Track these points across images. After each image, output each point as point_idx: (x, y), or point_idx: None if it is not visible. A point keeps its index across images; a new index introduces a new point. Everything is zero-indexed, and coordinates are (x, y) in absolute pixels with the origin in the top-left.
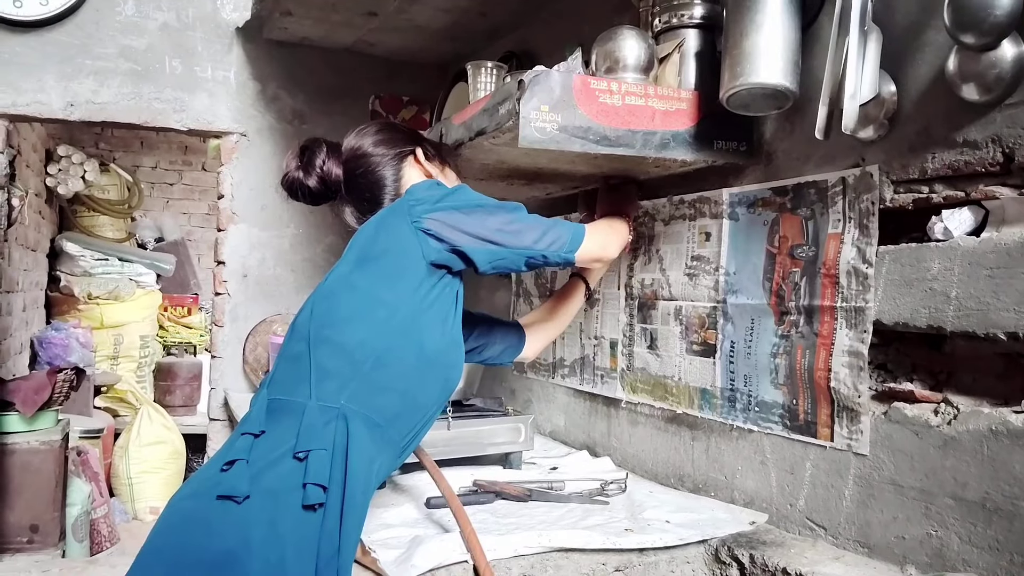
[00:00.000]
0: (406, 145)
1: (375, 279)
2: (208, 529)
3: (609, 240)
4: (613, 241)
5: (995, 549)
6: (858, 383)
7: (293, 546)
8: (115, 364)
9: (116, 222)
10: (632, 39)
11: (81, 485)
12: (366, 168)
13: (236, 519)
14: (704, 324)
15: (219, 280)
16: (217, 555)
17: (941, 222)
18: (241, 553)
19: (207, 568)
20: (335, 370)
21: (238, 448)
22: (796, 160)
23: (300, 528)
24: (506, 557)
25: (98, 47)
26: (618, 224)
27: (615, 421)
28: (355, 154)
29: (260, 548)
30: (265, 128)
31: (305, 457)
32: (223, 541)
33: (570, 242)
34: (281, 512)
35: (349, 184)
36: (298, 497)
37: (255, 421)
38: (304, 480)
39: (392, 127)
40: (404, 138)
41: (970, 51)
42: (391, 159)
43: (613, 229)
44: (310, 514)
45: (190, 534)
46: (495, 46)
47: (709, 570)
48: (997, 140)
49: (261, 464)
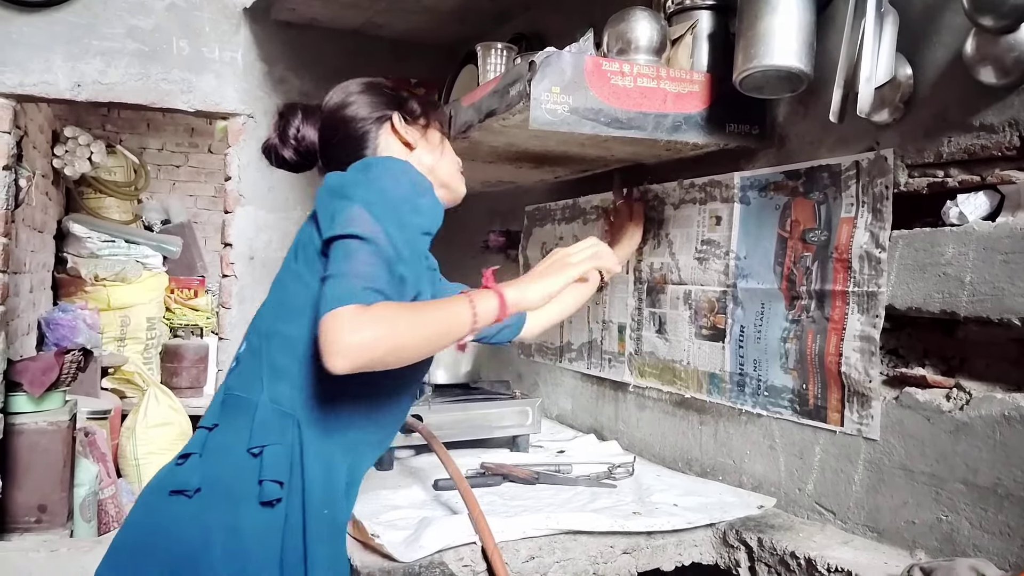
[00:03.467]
0: (385, 109)
1: (311, 269)
2: (166, 527)
3: (399, 328)
4: (411, 330)
5: (1006, 534)
6: (869, 368)
7: (256, 550)
8: (122, 346)
9: (123, 204)
10: (644, 20)
11: (89, 466)
12: (342, 135)
13: (191, 515)
14: (713, 308)
15: (226, 262)
16: (178, 557)
17: (956, 206)
18: (202, 556)
19: (170, 569)
20: (285, 369)
21: (192, 442)
22: (809, 144)
23: (261, 528)
24: (514, 539)
25: (105, 27)
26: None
27: (623, 405)
28: (331, 119)
29: (222, 553)
30: (272, 110)
31: (260, 452)
32: (182, 543)
33: (341, 296)
34: (241, 512)
35: (325, 152)
36: (255, 493)
37: (210, 414)
38: (260, 476)
39: (373, 87)
40: (384, 101)
41: (988, 33)
42: (369, 124)
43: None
44: (269, 511)
45: (151, 532)
46: (504, 28)
47: (717, 553)
48: (1014, 124)
49: (213, 459)
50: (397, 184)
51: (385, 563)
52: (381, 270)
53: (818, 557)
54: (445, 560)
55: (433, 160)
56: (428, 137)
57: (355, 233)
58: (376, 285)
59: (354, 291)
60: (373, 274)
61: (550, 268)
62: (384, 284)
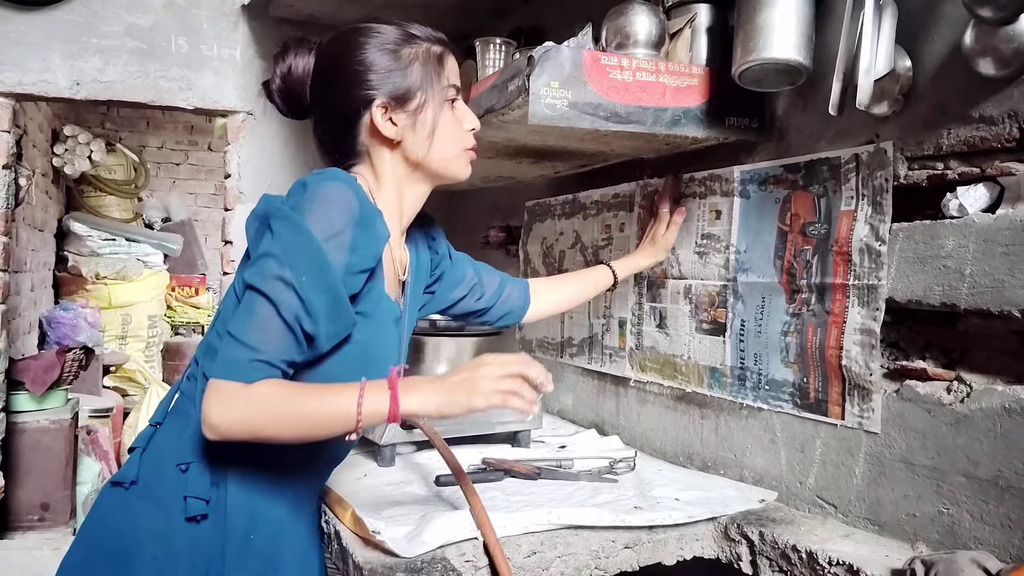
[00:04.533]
0: (369, 89)
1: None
2: (105, 515)
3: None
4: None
5: (1007, 527)
6: (870, 361)
7: (183, 565)
8: (123, 344)
9: (123, 202)
10: (643, 14)
11: (91, 464)
12: (325, 91)
13: (125, 506)
14: (714, 302)
15: (227, 260)
16: (115, 551)
17: (956, 199)
18: (134, 555)
19: (107, 558)
20: None
21: (140, 436)
22: (809, 137)
23: (189, 542)
24: (516, 534)
25: (103, 25)
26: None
27: (624, 400)
28: (323, 64)
29: (151, 560)
30: (272, 107)
31: (186, 469)
32: (117, 536)
33: (227, 366)
34: (169, 521)
35: (313, 107)
36: (181, 507)
37: (159, 411)
38: (184, 492)
39: (384, 49)
40: (375, 77)
41: (987, 25)
42: (353, 105)
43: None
44: (195, 527)
45: (96, 519)
46: (502, 23)
47: (718, 547)
48: (1014, 115)
49: (150, 460)
50: (326, 222)
51: (387, 559)
52: (278, 337)
53: (819, 550)
54: (447, 555)
55: (423, 151)
56: (422, 118)
57: (261, 289)
58: (266, 356)
59: (240, 364)
60: (267, 343)
61: (459, 385)
62: (277, 354)
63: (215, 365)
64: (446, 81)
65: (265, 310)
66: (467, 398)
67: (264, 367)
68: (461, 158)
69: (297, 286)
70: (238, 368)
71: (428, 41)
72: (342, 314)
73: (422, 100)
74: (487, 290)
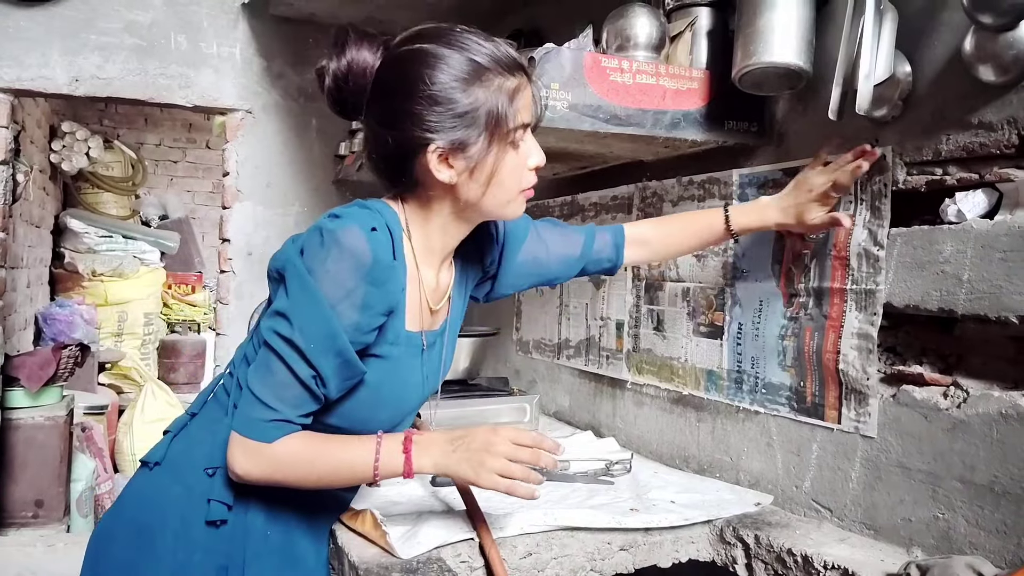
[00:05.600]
0: (430, 133)
1: None
2: (135, 491)
3: (300, 469)
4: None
5: (1003, 532)
6: (867, 366)
7: (201, 551)
8: (119, 341)
9: (120, 199)
10: (644, 17)
11: (86, 461)
12: (382, 112)
13: (151, 484)
14: (712, 306)
15: (224, 258)
16: (141, 524)
17: (954, 204)
18: (158, 532)
19: (130, 530)
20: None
21: (175, 422)
22: (808, 141)
23: (208, 543)
24: (512, 535)
25: (103, 22)
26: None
27: (620, 402)
28: (385, 82)
29: (173, 541)
30: (271, 105)
31: (213, 474)
32: (144, 510)
33: (248, 423)
34: (192, 507)
35: (367, 117)
36: (204, 510)
37: (199, 401)
38: (209, 496)
39: (452, 87)
40: (441, 118)
41: (987, 31)
42: (414, 134)
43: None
44: (213, 530)
45: (125, 496)
46: (502, 24)
47: (714, 550)
48: (1013, 122)
49: (180, 446)
50: (338, 282)
51: (383, 559)
52: (294, 396)
53: (815, 554)
54: (443, 556)
55: (478, 196)
56: (481, 165)
57: (275, 350)
58: (284, 415)
59: (260, 425)
60: (284, 401)
61: (468, 459)
62: (294, 411)
63: (237, 418)
64: (514, 121)
65: (280, 371)
66: (473, 474)
67: (283, 425)
68: (517, 200)
69: (307, 353)
70: (259, 428)
71: (504, 73)
72: (351, 371)
73: (484, 146)
74: (565, 261)
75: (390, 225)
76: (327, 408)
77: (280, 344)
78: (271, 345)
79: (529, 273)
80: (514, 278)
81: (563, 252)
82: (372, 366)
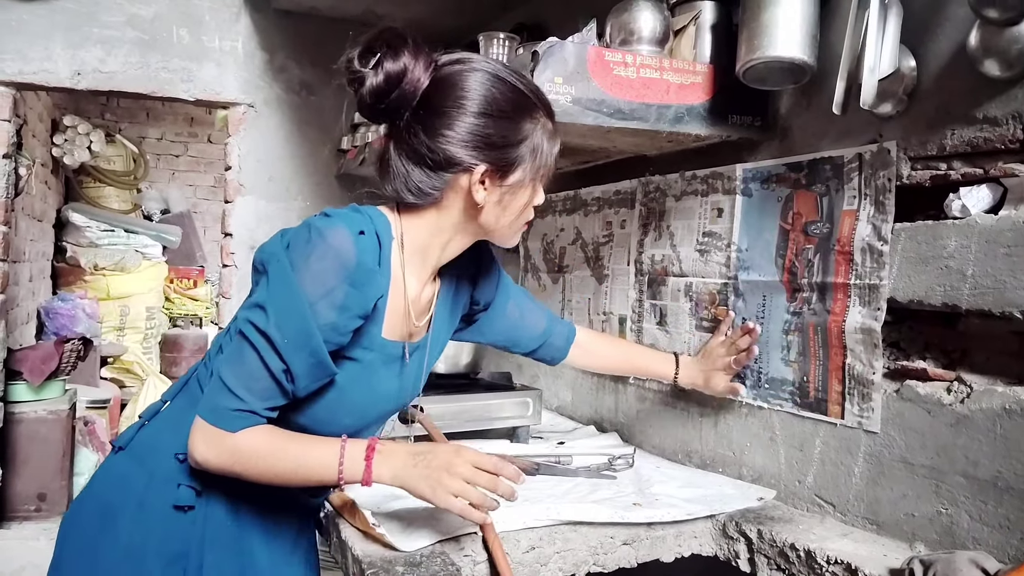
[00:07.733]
0: (475, 159)
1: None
2: (98, 476)
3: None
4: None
5: (1005, 528)
6: (871, 361)
7: (155, 536)
8: (121, 335)
9: (122, 193)
10: (647, 11)
11: (88, 454)
12: (426, 127)
13: (114, 468)
14: (715, 300)
15: (226, 252)
16: (105, 504)
17: (959, 199)
18: (119, 512)
19: (94, 512)
20: None
21: (147, 410)
22: (812, 136)
23: (168, 528)
24: (515, 529)
25: (105, 15)
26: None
27: (622, 397)
28: (438, 95)
29: (130, 523)
30: (273, 99)
31: (183, 459)
32: (104, 490)
33: (213, 410)
34: (151, 491)
35: (405, 128)
36: (172, 495)
37: (172, 389)
38: (178, 480)
39: (507, 115)
40: (491, 144)
41: (992, 26)
42: (461, 155)
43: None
44: (175, 516)
45: (93, 480)
46: (505, 18)
47: (716, 545)
48: (1018, 117)
49: (150, 431)
50: (319, 280)
51: (386, 552)
52: (263, 388)
53: (817, 549)
54: (446, 550)
55: (497, 219)
56: (512, 195)
57: (249, 339)
58: (250, 406)
59: (225, 413)
60: (252, 392)
61: (427, 476)
62: (261, 403)
63: (203, 404)
64: (548, 161)
65: (251, 361)
66: (430, 492)
67: (248, 416)
68: (519, 232)
69: (280, 347)
70: (224, 417)
71: (547, 114)
72: (323, 371)
73: (522, 177)
74: (531, 333)
75: (379, 232)
76: (293, 405)
77: (255, 335)
78: (246, 335)
79: (503, 330)
80: (490, 329)
81: (533, 324)
82: (343, 368)
